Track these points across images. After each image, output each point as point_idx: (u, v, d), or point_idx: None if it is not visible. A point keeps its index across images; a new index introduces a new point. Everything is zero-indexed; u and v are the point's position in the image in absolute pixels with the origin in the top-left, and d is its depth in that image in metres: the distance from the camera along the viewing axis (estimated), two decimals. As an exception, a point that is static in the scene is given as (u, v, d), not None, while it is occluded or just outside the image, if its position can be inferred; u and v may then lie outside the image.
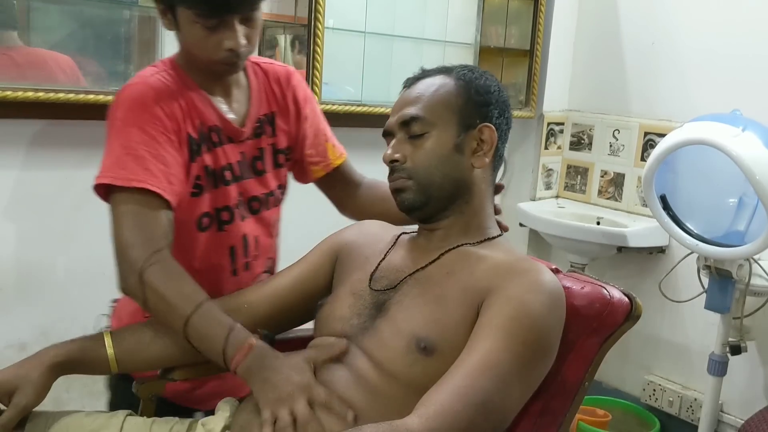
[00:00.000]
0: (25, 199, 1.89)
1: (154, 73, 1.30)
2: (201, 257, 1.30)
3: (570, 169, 3.07)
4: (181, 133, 1.28)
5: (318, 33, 2.28)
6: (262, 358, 1.14)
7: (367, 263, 1.25)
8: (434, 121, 1.19)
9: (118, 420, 1.19)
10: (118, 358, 1.20)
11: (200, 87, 1.33)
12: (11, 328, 1.87)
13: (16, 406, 1.11)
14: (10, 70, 1.81)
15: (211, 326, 1.16)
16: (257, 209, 1.41)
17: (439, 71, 1.26)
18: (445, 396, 1.00)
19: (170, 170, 1.24)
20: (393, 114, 1.24)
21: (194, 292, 1.19)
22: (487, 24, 2.86)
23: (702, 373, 2.33)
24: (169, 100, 1.27)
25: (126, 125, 1.24)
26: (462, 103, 1.21)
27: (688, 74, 2.63)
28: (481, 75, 1.25)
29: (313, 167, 1.51)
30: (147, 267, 1.16)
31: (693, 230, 2.14)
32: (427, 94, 1.21)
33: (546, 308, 1.08)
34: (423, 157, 1.19)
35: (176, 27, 1.27)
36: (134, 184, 1.20)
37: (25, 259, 1.90)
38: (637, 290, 1.21)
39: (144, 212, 1.20)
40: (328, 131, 1.54)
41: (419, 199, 1.19)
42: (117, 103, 1.27)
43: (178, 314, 1.16)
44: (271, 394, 1.10)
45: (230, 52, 1.25)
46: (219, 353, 1.14)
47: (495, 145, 1.22)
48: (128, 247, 1.18)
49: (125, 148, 1.22)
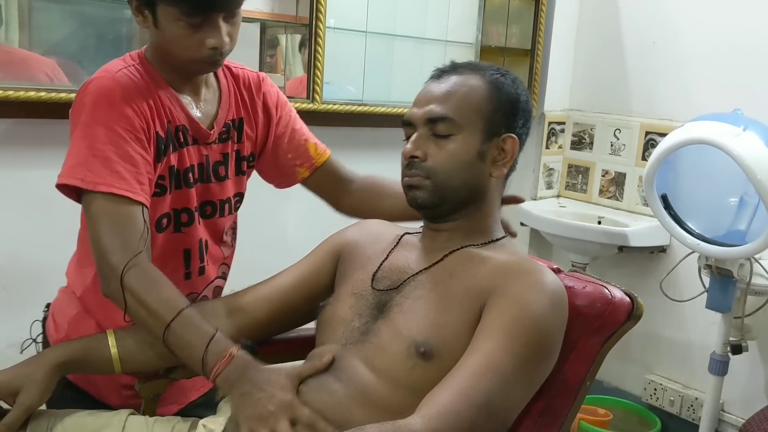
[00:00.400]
0: (28, 198, 1.89)
1: (122, 68, 1.26)
2: (156, 257, 1.26)
3: (571, 169, 3.08)
4: (150, 131, 1.24)
5: (319, 33, 2.28)
6: (243, 369, 1.12)
7: (369, 263, 1.25)
8: (462, 124, 1.17)
9: (120, 419, 1.19)
10: (122, 357, 1.20)
11: (169, 85, 1.30)
12: (13, 327, 1.87)
13: (21, 406, 1.11)
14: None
15: (191, 334, 1.14)
16: (210, 214, 1.39)
17: (471, 69, 1.22)
18: (447, 396, 0.99)
19: (139, 170, 1.21)
20: (418, 105, 1.21)
21: (174, 298, 1.17)
22: (488, 23, 2.86)
23: (703, 372, 2.33)
24: (138, 98, 1.23)
25: (92, 123, 1.19)
26: (491, 110, 1.19)
27: (689, 74, 2.64)
28: (512, 81, 1.23)
29: (297, 168, 1.49)
30: (126, 272, 1.14)
31: (694, 230, 2.14)
32: (458, 94, 1.18)
33: (548, 309, 1.08)
34: (445, 159, 1.17)
35: (154, 24, 1.23)
36: (101, 188, 1.17)
37: (27, 259, 1.91)
38: (638, 290, 1.21)
39: (118, 215, 1.17)
40: (306, 132, 1.51)
41: (432, 200, 1.18)
42: (82, 98, 1.22)
43: (158, 321, 1.14)
44: (251, 410, 1.07)
45: (213, 50, 1.23)
46: (198, 361, 1.13)
47: (515, 156, 1.21)
48: (107, 252, 1.16)
49: (92, 149, 1.18)
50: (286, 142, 1.47)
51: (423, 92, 1.22)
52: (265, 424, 1.05)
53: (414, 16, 2.70)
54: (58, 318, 1.40)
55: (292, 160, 1.49)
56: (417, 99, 1.22)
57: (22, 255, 1.90)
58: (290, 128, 1.48)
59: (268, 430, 1.05)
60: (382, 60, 2.63)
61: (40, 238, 1.90)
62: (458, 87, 1.19)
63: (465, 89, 1.19)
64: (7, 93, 1.75)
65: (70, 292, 1.39)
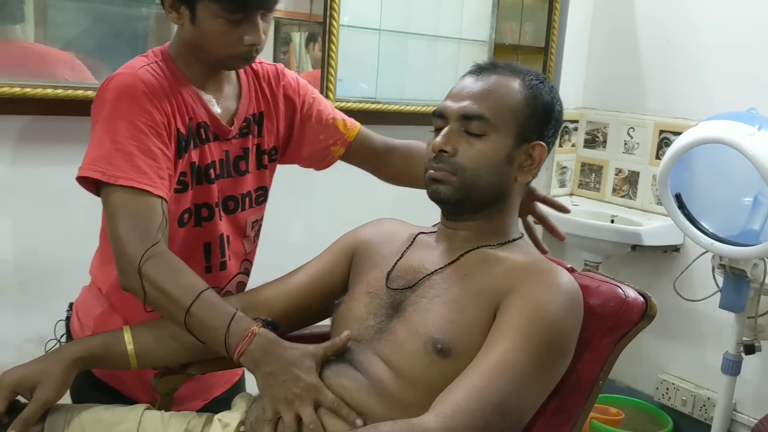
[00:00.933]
0: (46, 195, 1.91)
1: (144, 65, 1.27)
2: (177, 252, 1.25)
3: (584, 167, 3.07)
4: (171, 128, 1.25)
5: (333, 30, 2.28)
6: (266, 347, 1.12)
7: (383, 262, 1.25)
8: (497, 125, 1.16)
9: (137, 414, 1.20)
10: (138, 354, 1.21)
11: (191, 82, 1.31)
12: (31, 322, 1.89)
13: (38, 401, 1.12)
14: (6, 63, 1.82)
15: (212, 316, 1.14)
16: (233, 209, 1.40)
17: (511, 70, 1.21)
18: (462, 395, 1.00)
19: (159, 165, 1.21)
20: (454, 99, 1.19)
21: (193, 282, 1.17)
22: (501, 21, 2.85)
23: (716, 372, 2.32)
24: (160, 94, 1.24)
25: (115, 117, 1.21)
26: (526, 115, 1.18)
27: (704, 72, 2.62)
28: (550, 90, 1.22)
29: (331, 148, 1.50)
30: (144, 262, 1.14)
31: (708, 229, 2.14)
32: (496, 94, 1.18)
33: (563, 310, 1.08)
34: (475, 158, 1.16)
35: (190, 20, 1.25)
36: (121, 182, 1.18)
37: (44, 255, 1.92)
38: (651, 289, 1.21)
39: (137, 207, 1.18)
40: (332, 110, 1.51)
41: (456, 197, 1.18)
42: (104, 93, 1.24)
43: (178, 306, 1.14)
44: (277, 392, 1.09)
45: (250, 47, 1.25)
46: (221, 342, 1.13)
47: (541, 164, 1.21)
48: (125, 243, 1.16)
49: (113, 142, 1.19)
50: (314, 125, 1.48)
51: (459, 86, 1.21)
52: (291, 406, 1.07)
53: (427, 14, 2.70)
54: (83, 317, 1.41)
55: (325, 140, 1.49)
56: (452, 92, 1.21)
57: (39, 251, 1.92)
58: (315, 110, 1.49)
59: (293, 413, 1.06)
60: (396, 58, 2.64)
61: (57, 234, 1.92)
62: (497, 87, 1.18)
63: (503, 90, 1.18)
64: (25, 90, 1.77)
65: (95, 289, 1.40)
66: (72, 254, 1.70)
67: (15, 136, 1.85)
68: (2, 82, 1.76)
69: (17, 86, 1.77)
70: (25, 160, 1.88)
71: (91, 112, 1.27)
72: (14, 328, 1.90)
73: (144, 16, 2.10)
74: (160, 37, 2.11)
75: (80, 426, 1.16)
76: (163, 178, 1.22)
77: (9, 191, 1.86)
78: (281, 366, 1.10)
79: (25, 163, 1.88)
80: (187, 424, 1.21)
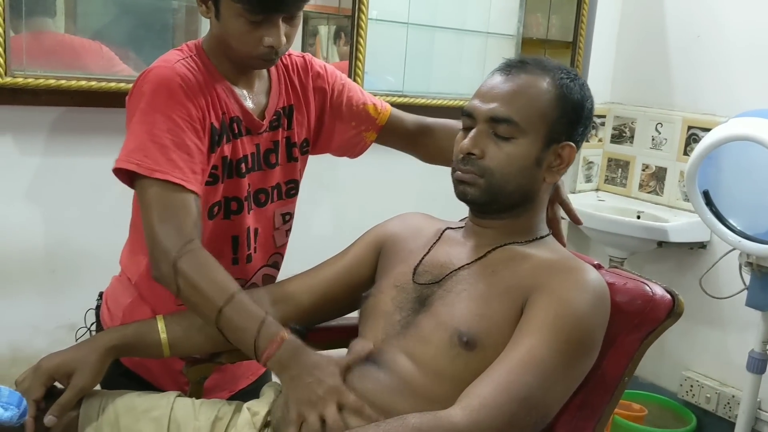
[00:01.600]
0: (77, 185, 1.94)
1: (180, 59, 1.28)
2: (205, 243, 1.27)
3: (611, 163, 3.05)
4: (205, 122, 1.27)
5: (362, 24, 2.29)
6: (294, 352, 1.14)
7: (410, 256, 1.26)
8: (525, 128, 1.15)
9: (168, 401, 1.23)
10: (171, 342, 1.23)
11: (225, 77, 1.32)
12: (62, 309, 1.93)
13: (74, 388, 1.15)
14: (38, 54, 1.84)
15: (243, 318, 1.16)
16: (264, 202, 1.41)
17: (540, 68, 1.20)
18: (489, 389, 1.01)
19: (193, 160, 1.23)
20: (482, 99, 1.18)
21: (226, 282, 1.19)
22: (529, 14, 2.84)
23: (741, 370, 2.31)
24: (196, 89, 1.26)
25: (151, 111, 1.22)
26: (556, 117, 1.17)
27: (733, 68, 2.59)
28: (581, 87, 1.21)
29: (364, 134, 1.51)
30: (180, 257, 1.16)
31: (735, 226, 2.12)
32: (525, 96, 1.16)
33: (590, 307, 1.09)
34: (503, 162, 1.16)
35: (216, 16, 1.26)
36: (157, 175, 1.19)
37: (75, 244, 1.96)
38: (676, 285, 1.21)
39: (172, 202, 1.20)
40: (362, 95, 1.51)
41: (483, 199, 1.18)
42: (141, 86, 1.25)
43: (210, 305, 1.16)
44: (301, 394, 1.10)
45: (269, 49, 1.25)
46: (250, 345, 1.15)
47: (570, 164, 1.21)
48: (161, 236, 1.18)
49: (150, 135, 1.21)
50: (345, 112, 1.48)
51: (488, 85, 1.20)
52: (314, 408, 1.08)
53: (455, 8, 2.70)
54: (112, 306, 1.44)
55: (356, 126, 1.50)
56: (481, 91, 1.20)
57: (71, 240, 1.95)
58: (345, 96, 1.49)
59: (317, 414, 1.08)
60: (423, 51, 2.63)
61: (88, 224, 1.95)
62: (526, 88, 1.17)
63: (533, 92, 1.17)
64: (60, 83, 1.80)
65: (125, 279, 1.43)
66: (102, 244, 1.73)
67: (48, 127, 1.88)
68: (37, 74, 1.80)
69: (52, 78, 1.80)
70: (58, 150, 1.91)
71: (127, 103, 1.28)
72: (47, 314, 1.94)
73: (173, 9, 2.11)
74: (190, 30, 2.13)
75: (114, 412, 1.19)
76: (196, 173, 1.24)
77: (42, 181, 1.90)
78: (306, 370, 1.13)
79: (57, 154, 1.91)
80: (218, 411, 1.23)
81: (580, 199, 2.93)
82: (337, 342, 1.36)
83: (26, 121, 1.85)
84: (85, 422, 1.17)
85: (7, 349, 1.91)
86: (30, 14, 1.81)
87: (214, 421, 1.21)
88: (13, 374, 1.20)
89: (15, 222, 1.88)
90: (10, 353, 1.92)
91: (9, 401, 0.90)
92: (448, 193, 1.25)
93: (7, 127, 1.84)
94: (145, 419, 1.19)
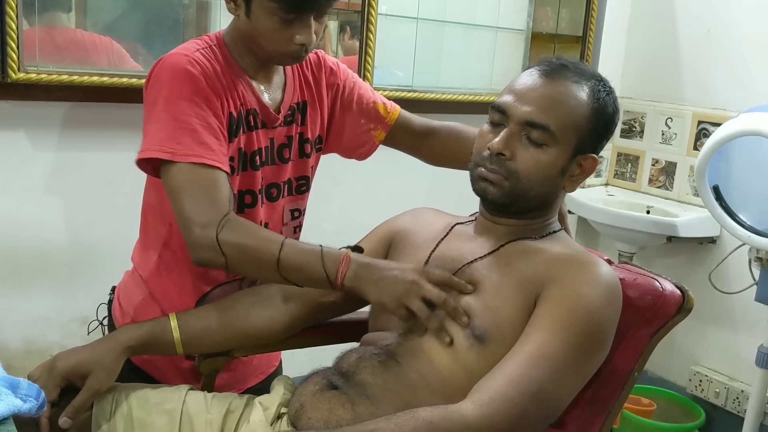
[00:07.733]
0: (89, 179, 1.96)
1: (198, 49, 1.29)
2: None
3: (620, 157, 3.05)
4: (224, 110, 1.27)
5: (371, 19, 2.30)
6: (365, 263, 1.16)
7: (419, 251, 1.27)
8: (559, 138, 1.15)
9: (181, 394, 1.24)
10: (184, 341, 1.24)
11: (244, 71, 1.33)
12: (75, 302, 1.95)
13: (89, 390, 1.15)
14: (50, 50, 1.86)
15: (303, 255, 1.17)
16: (276, 196, 1.42)
17: (579, 74, 1.19)
18: (499, 383, 1.01)
19: (221, 142, 1.24)
20: (519, 99, 1.16)
21: (271, 234, 1.21)
22: (538, 9, 2.83)
23: (750, 365, 2.31)
24: (214, 78, 1.26)
25: (174, 97, 1.22)
26: (587, 130, 1.17)
27: (744, 63, 2.58)
28: (614, 102, 1.21)
29: (372, 132, 1.51)
30: (220, 230, 1.16)
31: (745, 221, 2.12)
32: (565, 106, 1.15)
33: (602, 301, 1.09)
34: (531, 168, 1.15)
35: (245, 14, 1.26)
36: (192, 160, 1.19)
37: (88, 238, 1.98)
38: (686, 280, 1.22)
39: (207, 181, 1.20)
40: (372, 94, 1.52)
41: (503, 200, 1.18)
42: (159, 74, 1.25)
43: (267, 257, 1.17)
44: (394, 290, 1.12)
45: (300, 47, 1.26)
46: (321, 276, 1.16)
47: (590, 175, 1.21)
48: (195, 215, 1.17)
49: (177, 122, 1.21)
50: (355, 109, 1.49)
51: (525, 85, 1.18)
52: (412, 294, 1.11)
53: (464, 3, 2.70)
54: (123, 303, 1.45)
55: (365, 125, 1.51)
56: (516, 89, 1.18)
57: (84, 234, 1.97)
58: (356, 94, 1.50)
59: (419, 299, 1.11)
60: (432, 46, 2.64)
61: (101, 218, 1.97)
62: (566, 97, 1.16)
63: (572, 103, 1.16)
64: (72, 78, 1.82)
65: (137, 275, 1.43)
66: (115, 238, 1.74)
67: (61, 122, 1.90)
68: (50, 69, 1.81)
69: (65, 74, 1.81)
70: (71, 144, 1.93)
71: (145, 92, 1.28)
72: (59, 307, 1.96)
73: (185, 4, 2.12)
74: (200, 26, 2.14)
75: (127, 405, 1.20)
76: (226, 155, 1.25)
77: (55, 175, 1.92)
78: (385, 270, 1.16)
79: (70, 148, 1.93)
80: (229, 405, 1.24)
81: (589, 193, 2.93)
82: (348, 336, 1.37)
83: (39, 117, 1.87)
84: (100, 415, 1.18)
85: (20, 342, 1.93)
86: (44, 9, 1.82)
87: (225, 414, 1.22)
88: (26, 366, 1.22)
89: (28, 216, 1.90)
90: (24, 345, 1.94)
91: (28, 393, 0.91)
92: (457, 188, 1.25)
93: (21, 122, 1.85)
94: (158, 412, 1.20)
